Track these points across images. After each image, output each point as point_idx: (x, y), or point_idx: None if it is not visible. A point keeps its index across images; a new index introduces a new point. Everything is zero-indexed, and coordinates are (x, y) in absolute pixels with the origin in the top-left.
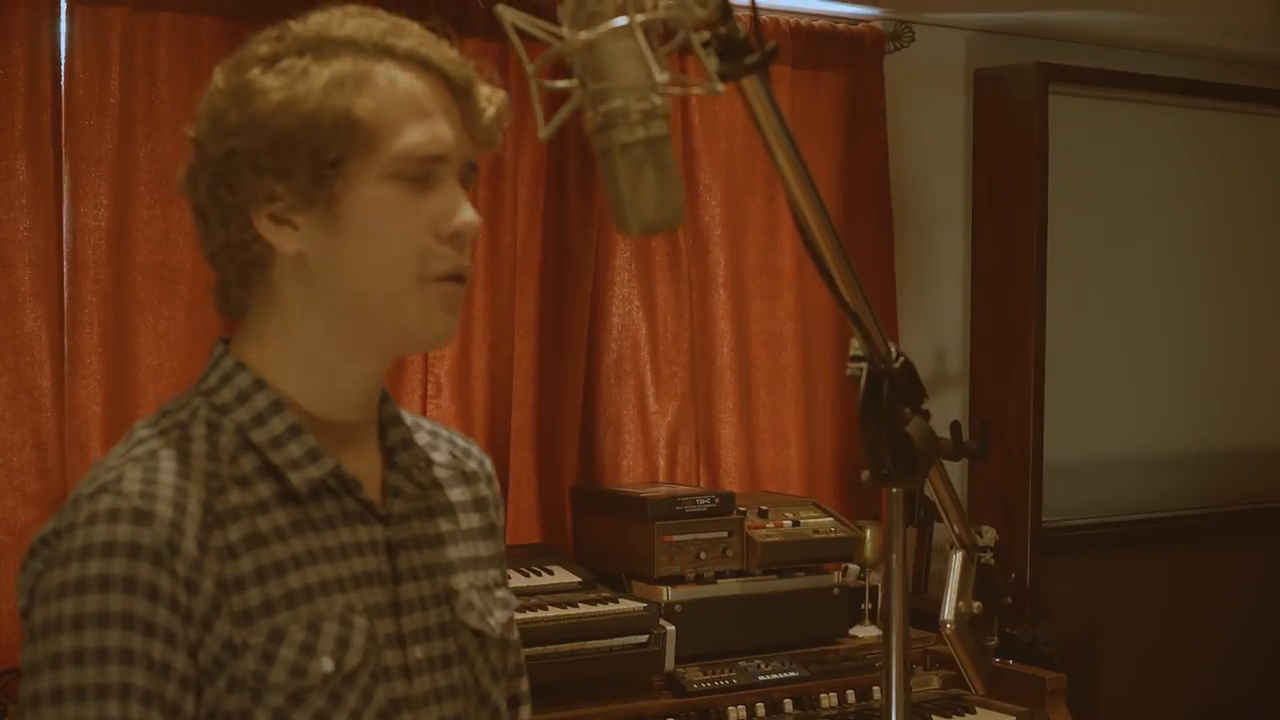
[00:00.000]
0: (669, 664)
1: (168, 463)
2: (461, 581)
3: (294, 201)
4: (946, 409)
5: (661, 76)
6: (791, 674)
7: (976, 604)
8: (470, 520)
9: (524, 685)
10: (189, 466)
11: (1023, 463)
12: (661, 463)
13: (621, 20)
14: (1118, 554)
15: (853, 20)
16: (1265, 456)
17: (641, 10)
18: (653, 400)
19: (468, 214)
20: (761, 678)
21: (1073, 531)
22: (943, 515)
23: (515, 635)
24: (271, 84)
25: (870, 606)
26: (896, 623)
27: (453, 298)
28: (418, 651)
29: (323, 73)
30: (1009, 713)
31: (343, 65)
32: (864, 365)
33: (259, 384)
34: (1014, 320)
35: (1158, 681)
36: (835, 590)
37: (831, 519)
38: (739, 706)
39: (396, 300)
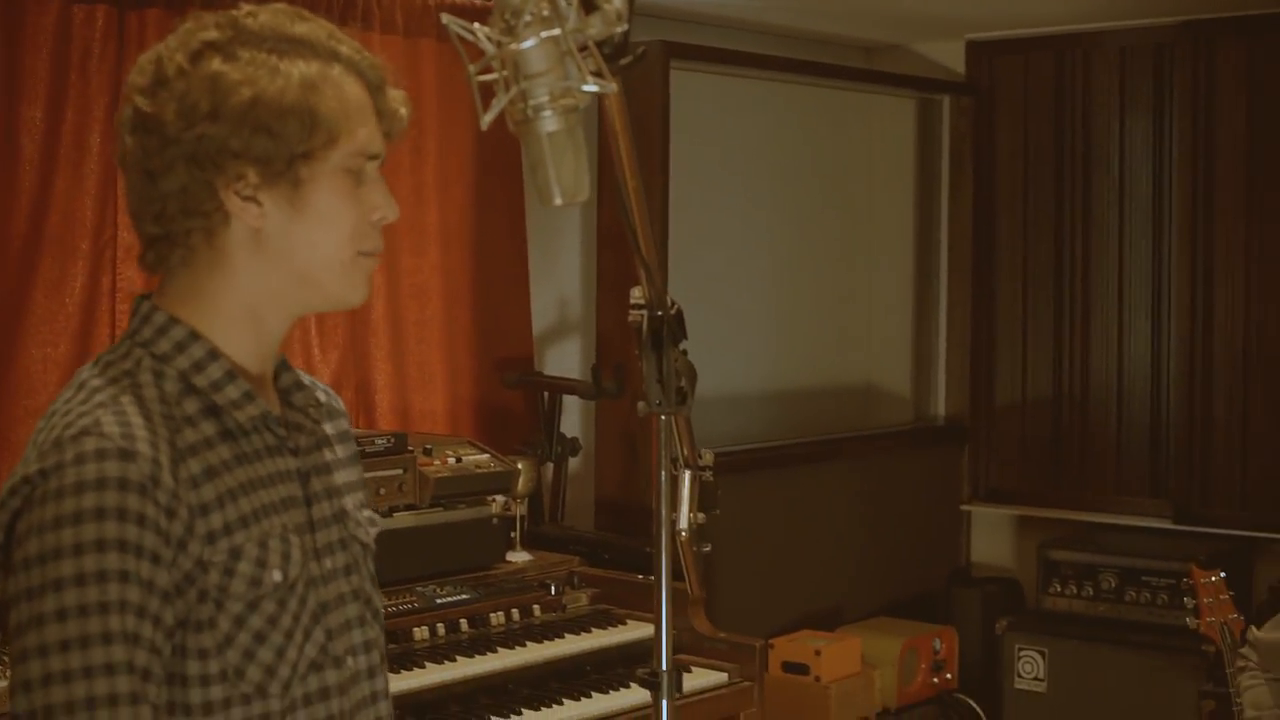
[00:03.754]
0: None
1: (131, 407)
2: (349, 502)
3: (261, 183)
4: (570, 355)
5: (584, 77)
6: (464, 597)
7: (701, 515)
8: (342, 450)
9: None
10: (149, 410)
11: None
12: None
13: (556, 31)
14: (727, 480)
15: None
16: (838, 393)
17: (569, 23)
18: (317, 350)
19: (393, 205)
20: (439, 601)
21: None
22: (678, 439)
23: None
24: (239, 77)
25: (517, 534)
26: (664, 538)
27: (371, 270)
28: (328, 562)
29: (292, 72)
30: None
31: (308, 67)
32: (644, 312)
33: (194, 335)
34: (638, 275)
35: (764, 590)
36: (494, 520)
37: (488, 455)
38: (422, 627)
39: (336, 272)
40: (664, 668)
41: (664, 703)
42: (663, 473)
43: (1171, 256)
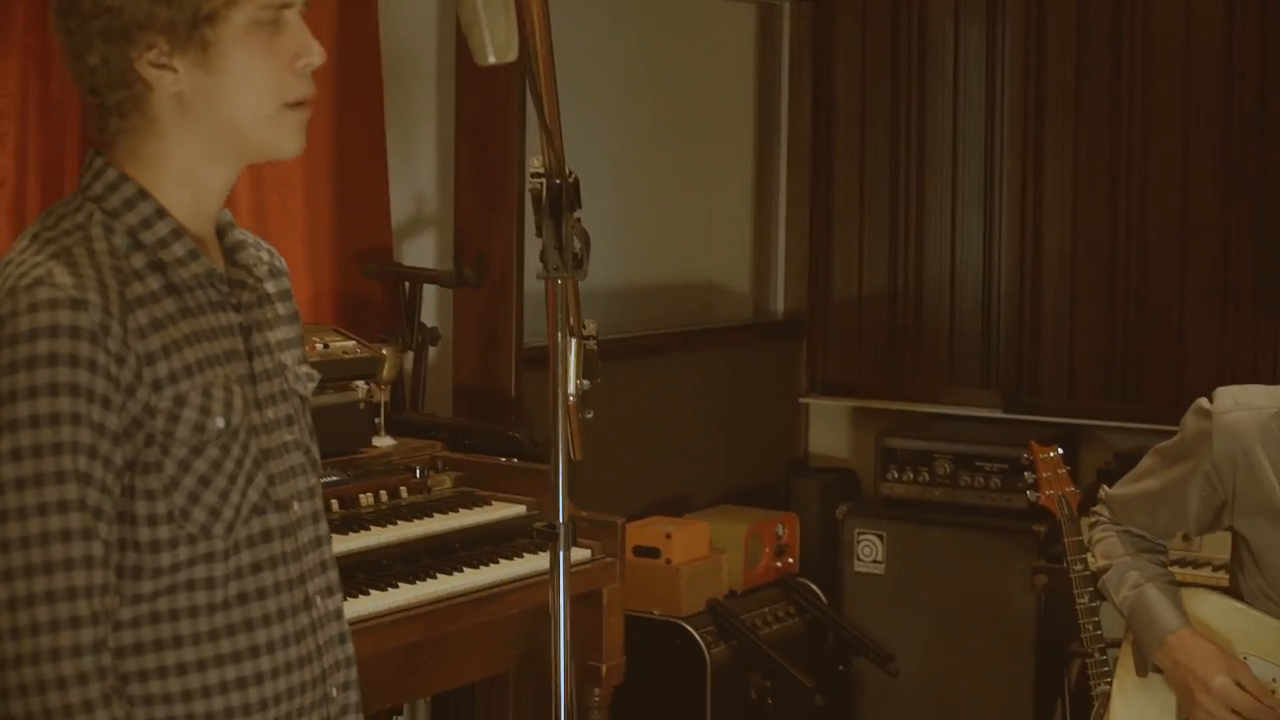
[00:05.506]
0: None
1: (83, 259)
2: (288, 357)
3: (171, 49)
4: (426, 247)
5: None
6: (334, 478)
7: (586, 382)
8: (283, 309)
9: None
10: (99, 262)
11: (506, 292)
12: None
13: None
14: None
15: None
16: (681, 289)
17: None
18: None
19: (315, 48)
20: None
21: (544, 351)
22: (568, 307)
23: None
24: None
25: (381, 420)
26: (560, 400)
27: (304, 120)
28: (270, 413)
29: None
30: (520, 502)
31: None
32: (543, 180)
33: (143, 193)
34: (497, 168)
35: (614, 479)
36: (361, 405)
37: (354, 342)
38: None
39: (263, 127)
40: (560, 520)
41: (561, 552)
42: (560, 335)
43: (1003, 157)
